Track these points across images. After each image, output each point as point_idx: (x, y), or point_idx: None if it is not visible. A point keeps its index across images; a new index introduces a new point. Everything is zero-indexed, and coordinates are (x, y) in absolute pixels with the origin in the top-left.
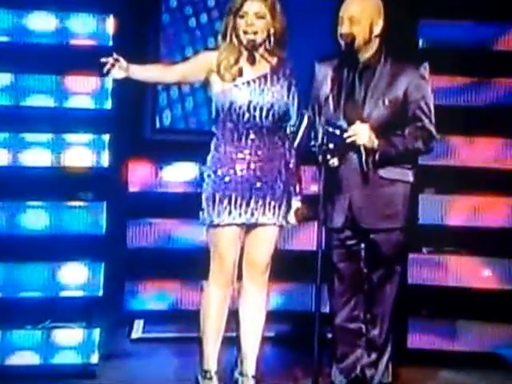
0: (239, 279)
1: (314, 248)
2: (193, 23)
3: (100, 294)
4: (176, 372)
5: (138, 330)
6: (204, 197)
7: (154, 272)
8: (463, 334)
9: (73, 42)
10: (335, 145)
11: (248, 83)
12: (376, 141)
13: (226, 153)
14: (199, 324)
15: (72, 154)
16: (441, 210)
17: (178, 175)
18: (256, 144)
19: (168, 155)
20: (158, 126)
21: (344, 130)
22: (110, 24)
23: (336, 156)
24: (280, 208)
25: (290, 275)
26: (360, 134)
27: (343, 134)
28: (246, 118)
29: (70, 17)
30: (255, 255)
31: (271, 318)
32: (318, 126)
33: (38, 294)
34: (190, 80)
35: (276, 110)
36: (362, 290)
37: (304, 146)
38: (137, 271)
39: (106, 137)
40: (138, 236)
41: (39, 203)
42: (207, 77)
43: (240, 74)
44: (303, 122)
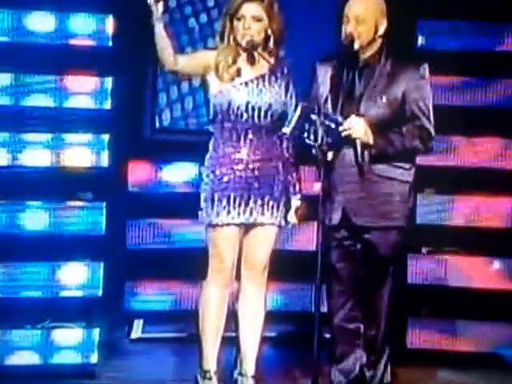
0: (238, 279)
1: (314, 248)
2: (192, 23)
3: (100, 293)
4: (175, 372)
5: (138, 329)
6: (203, 197)
7: (153, 272)
8: (463, 334)
9: (72, 41)
10: (330, 138)
11: (246, 83)
12: (372, 136)
13: (225, 153)
14: (198, 324)
15: (72, 154)
16: (441, 210)
17: (178, 175)
18: (254, 144)
19: (167, 155)
20: (158, 126)
21: (339, 124)
22: (110, 24)
23: (330, 149)
24: (278, 208)
25: (290, 275)
26: (355, 127)
27: (338, 127)
28: (244, 118)
29: (69, 17)
30: (254, 255)
31: (271, 318)
32: (313, 119)
33: (37, 294)
34: (186, 71)
35: (274, 110)
36: (360, 290)
37: (297, 137)
38: (136, 271)
39: (106, 137)
40: (138, 236)
41: (39, 203)
42: (204, 74)
43: (238, 75)
44: (297, 111)
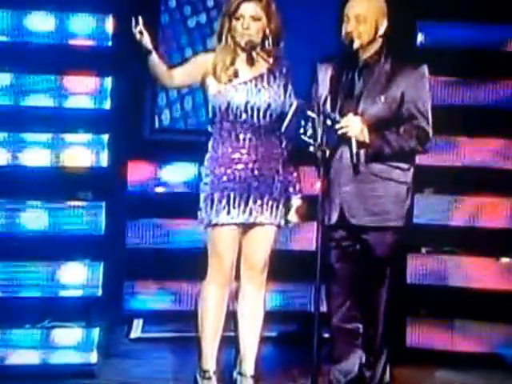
0: (237, 279)
1: (313, 248)
2: (192, 23)
3: (99, 293)
4: (175, 371)
5: (137, 329)
6: (202, 197)
7: (152, 272)
8: (462, 334)
9: (72, 41)
10: (325, 134)
11: (245, 83)
12: (368, 135)
13: (224, 153)
14: (197, 323)
15: (71, 154)
16: (440, 210)
17: (177, 175)
18: (253, 144)
19: (167, 155)
20: (157, 126)
21: (336, 121)
22: (110, 24)
23: (328, 148)
24: (278, 208)
25: (289, 275)
26: (352, 125)
27: (335, 124)
28: (243, 118)
29: (69, 17)
30: (253, 255)
31: (270, 317)
32: (310, 116)
33: (37, 294)
34: (187, 83)
35: (273, 110)
36: (359, 291)
37: (293, 133)
38: (136, 271)
39: (105, 137)
40: (137, 236)
41: (38, 203)
42: (204, 79)
43: (236, 75)
44: (292, 107)
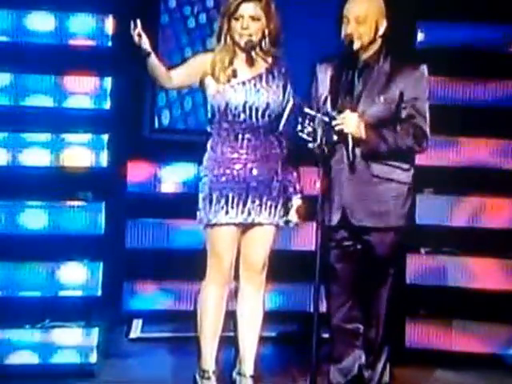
0: (236, 279)
1: (313, 248)
2: (192, 23)
3: (99, 293)
4: (174, 371)
5: (137, 329)
6: (201, 197)
7: (152, 272)
8: (461, 334)
9: (72, 41)
10: (323, 131)
11: (243, 83)
12: (365, 131)
13: (223, 153)
14: (196, 323)
15: (71, 154)
16: (439, 211)
17: (177, 175)
18: (252, 144)
19: (167, 155)
20: (157, 125)
21: (333, 118)
22: (109, 24)
23: (325, 145)
24: (276, 208)
25: (289, 275)
26: (348, 122)
27: (332, 121)
28: (242, 118)
29: (69, 17)
30: (252, 255)
31: (270, 318)
32: (307, 113)
33: (36, 294)
34: (186, 84)
35: (272, 110)
36: (359, 291)
37: (291, 131)
38: (135, 271)
39: (105, 137)
40: (137, 236)
41: (38, 203)
42: (202, 79)
43: (234, 75)
44: (289, 104)
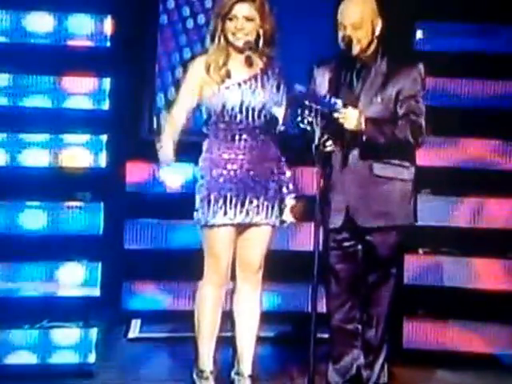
0: (233, 279)
1: (311, 249)
2: (190, 24)
3: (97, 293)
4: (173, 372)
5: (135, 329)
6: (198, 198)
7: (151, 272)
8: (459, 334)
9: (71, 42)
10: (323, 122)
11: (239, 84)
12: (364, 125)
13: (220, 154)
14: (194, 324)
15: (70, 155)
16: (437, 211)
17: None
18: (249, 144)
19: None
20: (156, 126)
21: (335, 109)
22: (108, 25)
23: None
24: (273, 208)
25: (288, 276)
26: (349, 118)
27: (333, 112)
28: (238, 119)
29: (67, 17)
30: (249, 255)
31: (268, 318)
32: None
33: (35, 294)
34: (195, 105)
35: (268, 110)
36: (359, 291)
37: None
38: (134, 271)
39: (104, 137)
40: (136, 236)
41: (37, 203)
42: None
43: (228, 76)
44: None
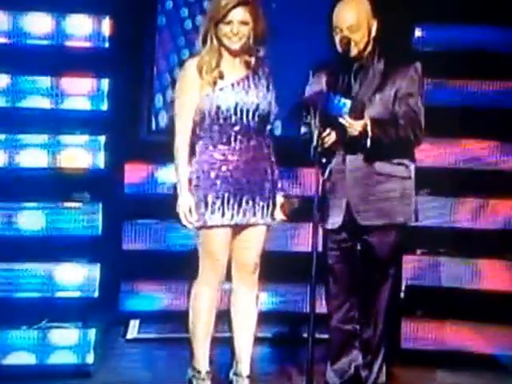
0: (229, 279)
1: (310, 249)
2: (188, 25)
3: (96, 294)
4: (171, 372)
5: (134, 330)
6: (195, 199)
7: (149, 273)
8: (457, 335)
9: (69, 43)
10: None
11: (233, 85)
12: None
13: (216, 155)
14: (189, 324)
15: (68, 155)
16: (435, 212)
17: (174, 176)
18: (244, 145)
19: (164, 157)
20: (154, 127)
21: (340, 114)
22: (106, 26)
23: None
24: (268, 207)
25: (286, 276)
26: (353, 128)
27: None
28: (233, 120)
29: (66, 18)
30: (245, 256)
31: (267, 318)
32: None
33: (34, 295)
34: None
35: (261, 110)
36: (358, 292)
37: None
38: (132, 272)
39: (102, 138)
40: (134, 237)
41: (35, 204)
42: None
43: (221, 77)
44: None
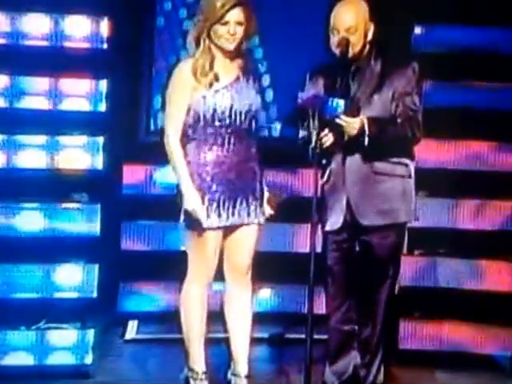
0: (221, 279)
1: (308, 250)
2: (187, 26)
3: (94, 295)
4: (169, 373)
5: (132, 330)
6: None
7: (148, 273)
8: (455, 335)
9: (67, 44)
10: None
11: (227, 87)
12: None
13: (210, 157)
14: (182, 325)
15: (67, 156)
16: (433, 213)
17: (172, 177)
18: (237, 146)
19: (162, 157)
20: (153, 128)
21: (336, 115)
22: (105, 27)
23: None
24: (260, 206)
25: (284, 277)
26: (350, 128)
27: (334, 118)
28: (227, 122)
29: (64, 19)
30: (238, 257)
31: (265, 319)
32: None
33: (32, 295)
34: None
35: (253, 112)
36: (357, 292)
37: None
38: (131, 272)
39: (101, 139)
40: (132, 238)
41: (34, 205)
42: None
43: (217, 79)
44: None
